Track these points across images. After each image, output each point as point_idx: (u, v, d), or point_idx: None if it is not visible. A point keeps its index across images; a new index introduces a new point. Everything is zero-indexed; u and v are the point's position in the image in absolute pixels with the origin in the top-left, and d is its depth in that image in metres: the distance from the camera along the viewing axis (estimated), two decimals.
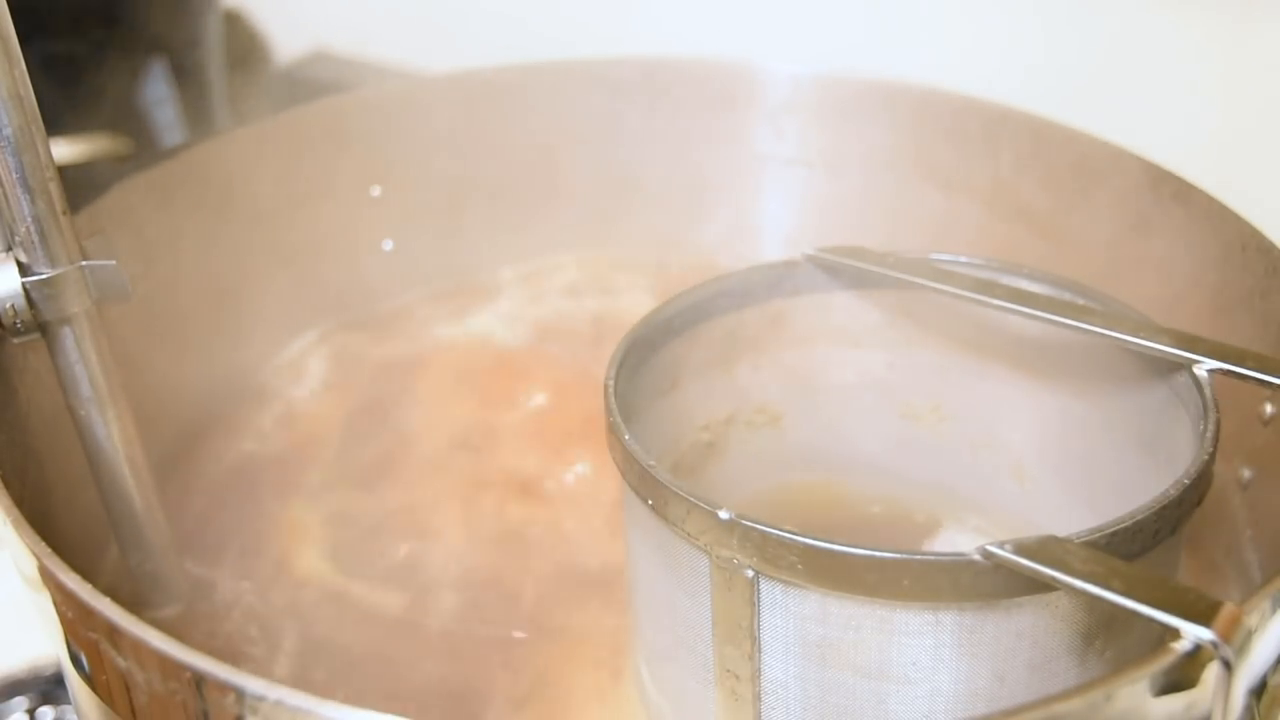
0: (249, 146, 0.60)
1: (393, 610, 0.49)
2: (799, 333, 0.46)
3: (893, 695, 0.35)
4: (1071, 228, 0.56)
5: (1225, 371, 0.38)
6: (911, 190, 0.61)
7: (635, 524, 0.39)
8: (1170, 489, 0.34)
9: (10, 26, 0.38)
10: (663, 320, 0.43)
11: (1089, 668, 0.34)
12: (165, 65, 0.83)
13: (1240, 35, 0.63)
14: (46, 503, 0.45)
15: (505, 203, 0.66)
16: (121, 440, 0.44)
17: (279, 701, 0.30)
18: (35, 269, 0.40)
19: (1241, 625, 0.28)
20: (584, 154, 0.66)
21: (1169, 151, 0.52)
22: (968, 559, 0.32)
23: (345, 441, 0.57)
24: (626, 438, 0.37)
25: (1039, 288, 0.42)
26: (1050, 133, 0.56)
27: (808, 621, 0.34)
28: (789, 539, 0.33)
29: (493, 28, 0.84)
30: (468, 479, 0.55)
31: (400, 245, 0.65)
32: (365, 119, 0.63)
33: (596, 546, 0.51)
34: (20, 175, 0.39)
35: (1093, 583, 0.30)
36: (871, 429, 0.47)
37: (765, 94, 0.64)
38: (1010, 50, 0.70)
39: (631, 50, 0.66)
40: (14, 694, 0.52)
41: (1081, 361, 0.43)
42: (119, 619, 0.32)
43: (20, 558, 0.36)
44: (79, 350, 0.42)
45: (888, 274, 0.44)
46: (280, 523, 0.53)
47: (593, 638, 0.47)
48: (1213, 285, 0.49)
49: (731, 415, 0.46)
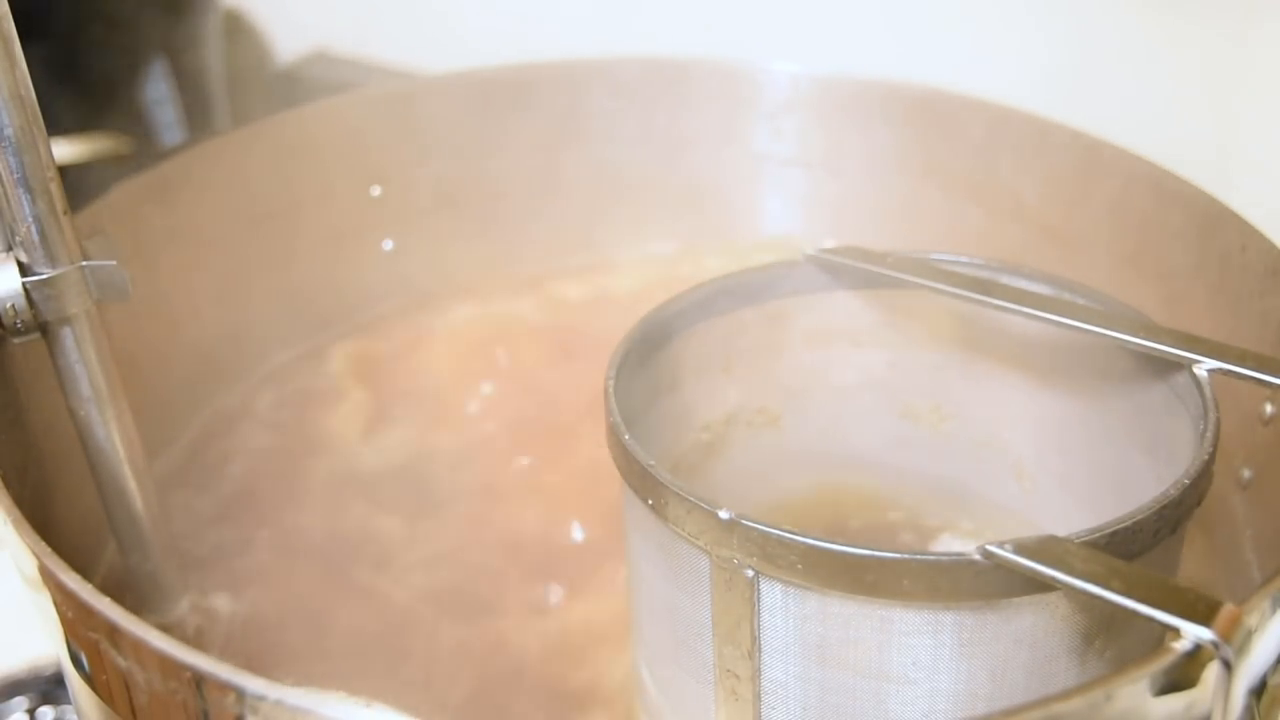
0: (249, 146, 0.60)
1: (395, 610, 0.49)
2: (799, 333, 0.46)
3: (892, 695, 0.35)
4: (1071, 228, 0.56)
5: (1225, 371, 0.38)
6: (911, 190, 0.61)
7: (635, 524, 0.39)
8: (1170, 489, 0.34)
9: (10, 26, 0.38)
10: (663, 320, 0.43)
11: (1089, 668, 0.34)
12: (165, 65, 0.83)
13: (1240, 35, 0.63)
14: (46, 503, 0.45)
15: (505, 203, 0.66)
16: (121, 440, 0.44)
17: (279, 701, 0.30)
18: (35, 269, 0.40)
19: (1241, 625, 0.28)
20: (584, 154, 0.66)
21: (1168, 151, 0.52)
22: (968, 559, 0.32)
23: (345, 442, 0.57)
24: (626, 438, 0.37)
25: (1039, 288, 0.42)
26: (1050, 133, 0.56)
27: (808, 621, 0.34)
28: (789, 539, 0.33)
29: (493, 28, 0.84)
30: (469, 478, 0.55)
31: (400, 245, 0.65)
32: (365, 119, 0.63)
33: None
34: (21, 175, 0.39)
35: (1093, 583, 0.30)
36: (871, 429, 0.47)
37: (765, 94, 0.64)
38: (1010, 50, 0.70)
39: (631, 50, 0.66)
40: (14, 694, 0.52)
41: (1082, 361, 0.43)
42: (119, 619, 0.32)
43: (20, 558, 0.36)
44: (79, 350, 0.42)
45: (888, 274, 0.44)
46: (280, 523, 0.53)
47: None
48: (1213, 285, 0.49)
49: (731, 415, 0.46)
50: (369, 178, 0.63)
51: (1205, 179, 0.50)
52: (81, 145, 0.73)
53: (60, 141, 0.57)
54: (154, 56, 0.83)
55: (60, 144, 0.41)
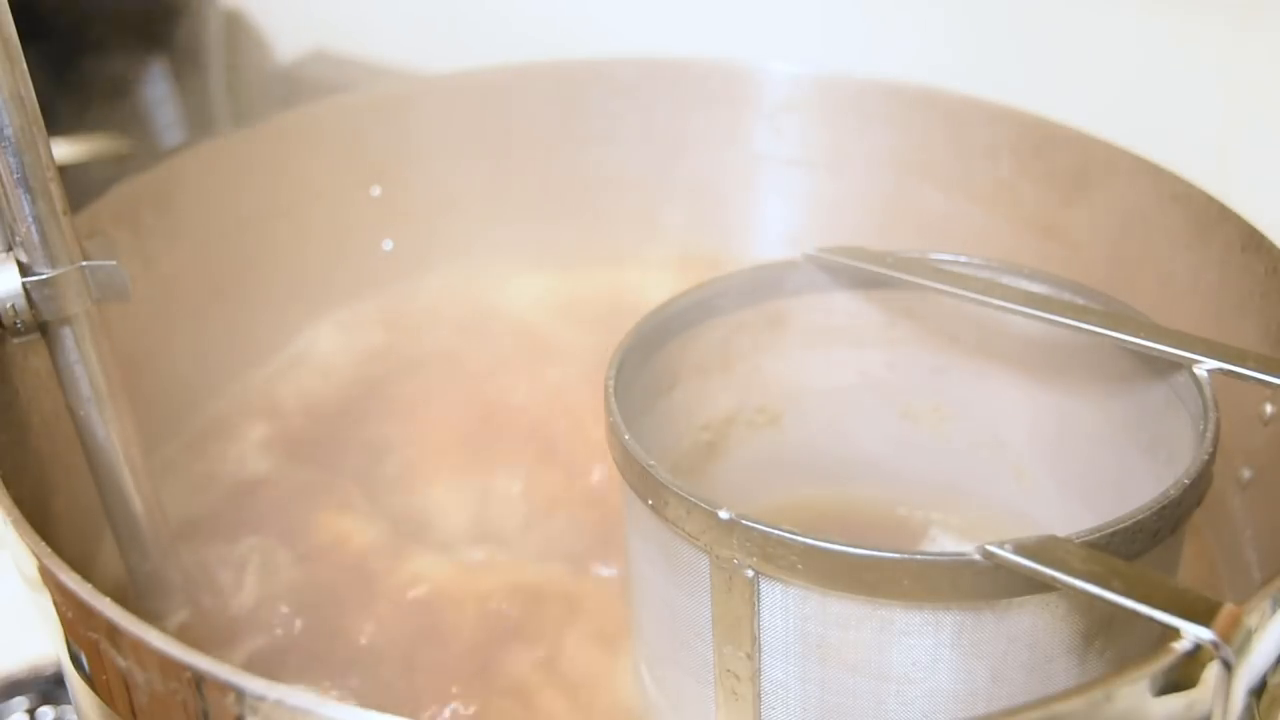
0: (249, 147, 0.60)
1: (400, 608, 0.49)
2: (799, 333, 0.46)
3: (892, 695, 0.35)
4: (1071, 228, 0.56)
5: (1225, 371, 0.38)
6: (912, 190, 0.61)
7: (635, 524, 0.39)
8: (1170, 489, 0.34)
9: (11, 26, 0.38)
10: (663, 320, 0.43)
11: (1089, 668, 0.35)
12: (165, 65, 0.83)
13: (1240, 35, 0.63)
14: (46, 503, 0.45)
15: (505, 203, 0.66)
16: (121, 440, 0.44)
17: (279, 701, 0.30)
18: (35, 269, 0.40)
19: (1241, 625, 0.28)
20: (584, 154, 0.66)
21: (1169, 151, 0.52)
22: (968, 559, 0.32)
23: (345, 442, 0.57)
24: (626, 438, 0.37)
25: (1039, 288, 0.42)
26: (1050, 133, 0.56)
27: (808, 621, 0.34)
28: (789, 539, 0.33)
29: (493, 28, 0.84)
30: (472, 479, 0.55)
31: (400, 245, 0.65)
32: (365, 119, 0.63)
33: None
34: (21, 175, 0.39)
35: (1093, 583, 0.30)
36: (871, 429, 0.47)
37: (765, 94, 0.64)
38: (1010, 50, 0.70)
39: (631, 50, 0.66)
40: (14, 694, 0.52)
41: (1082, 361, 0.43)
42: (119, 619, 0.32)
43: (20, 558, 0.36)
44: (79, 350, 0.42)
45: (888, 274, 0.44)
46: (279, 524, 0.53)
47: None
48: (1213, 285, 0.49)
49: (731, 415, 0.46)
50: (369, 178, 0.63)
51: (1205, 179, 0.50)
52: (81, 145, 0.73)
53: (60, 141, 0.57)
54: (154, 56, 0.83)
55: (60, 144, 0.41)
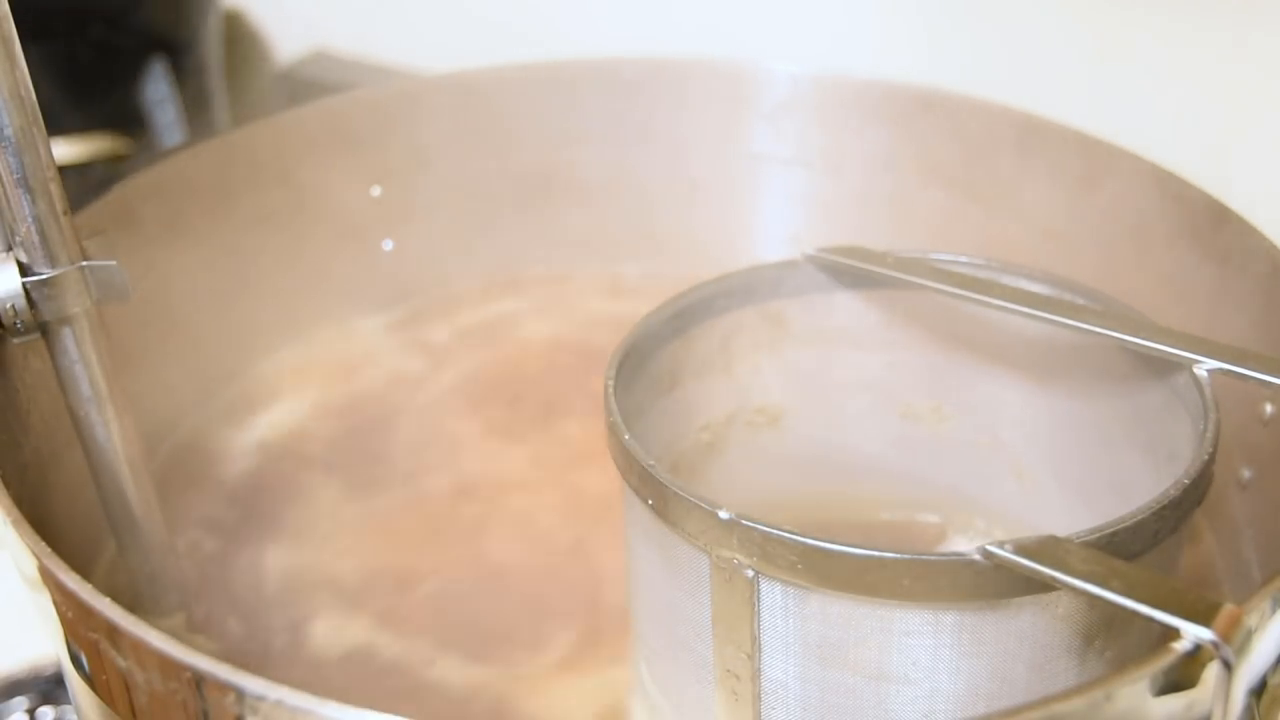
0: (249, 146, 0.60)
1: (399, 609, 0.49)
2: (799, 333, 0.46)
3: (893, 695, 0.35)
4: (1071, 228, 0.56)
5: (1225, 371, 0.38)
6: (911, 190, 0.61)
7: (635, 524, 0.39)
8: (1170, 489, 0.34)
9: (10, 26, 0.38)
10: (663, 320, 0.43)
11: (1089, 668, 0.34)
12: (165, 65, 0.83)
13: (1240, 35, 0.63)
14: (46, 503, 0.45)
15: (505, 203, 0.66)
16: (121, 440, 0.44)
17: (279, 701, 0.30)
18: (35, 269, 0.40)
19: (1241, 625, 0.28)
20: (584, 154, 0.66)
21: (1169, 151, 0.52)
22: (968, 559, 0.32)
23: (346, 442, 0.57)
24: (626, 438, 0.37)
25: (1039, 288, 0.42)
26: (1050, 133, 0.56)
27: (808, 621, 0.34)
28: (789, 539, 0.33)
29: (493, 28, 0.84)
30: (468, 480, 0.55)
31: (400, 245, 0.65)
32: (365, 119, 0.63)
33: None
34: (20, 175, 0.39)
35: (1093, 583, 0.30)
36: (871, 429, 0.47)
37: (764, 94, 0.64)
38: (1010, 50, 0.70)
39: (632, 50, 0.66)
40: (14, 694, 0.52)
41: (1081, 361, 0.43)
42: (119, 619, 0.32)
43: (20, 558, 0.36)
44: (79, 350, 0.42)
45: (888, 274, 0.44)
46: (278, 524, 0.53)
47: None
48: (1213, 285, 0.49)
49: (731, 415, 0.46)
50: (369, 178, 0.63)
51: (1205, 179, 0.50)
52: (81, 145, 0.73)
53: (60, 141, 0.57)
54: (154, 56, 0.83)
55: (60, 144, 0.41)
